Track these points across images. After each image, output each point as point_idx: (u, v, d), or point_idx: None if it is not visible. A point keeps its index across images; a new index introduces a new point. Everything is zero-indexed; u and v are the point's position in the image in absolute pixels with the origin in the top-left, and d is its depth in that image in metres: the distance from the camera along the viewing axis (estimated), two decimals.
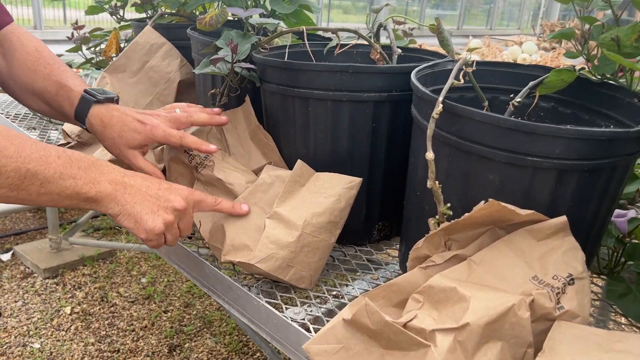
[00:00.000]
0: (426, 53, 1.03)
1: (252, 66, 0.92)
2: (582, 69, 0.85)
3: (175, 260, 0.94)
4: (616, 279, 0.81)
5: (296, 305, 0.78)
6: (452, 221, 0.66)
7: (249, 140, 0.99)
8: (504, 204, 0.62)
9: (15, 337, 2.10)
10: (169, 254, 0.95)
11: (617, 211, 0.84)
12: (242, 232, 0.83)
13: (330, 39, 1.24)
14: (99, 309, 2.30)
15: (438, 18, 0.95)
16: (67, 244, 2.65)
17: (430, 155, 0.66)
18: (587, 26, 0.83)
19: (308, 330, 0.72)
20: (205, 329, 2.22)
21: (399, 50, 0.94)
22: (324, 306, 0.78)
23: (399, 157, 0.91)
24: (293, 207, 0.81)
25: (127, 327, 2.19)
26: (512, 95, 0.94)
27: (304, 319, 0.75)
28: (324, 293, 0.82)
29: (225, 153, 0.96)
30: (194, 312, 2.33)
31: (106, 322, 2.22)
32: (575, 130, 0.61)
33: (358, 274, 0.88)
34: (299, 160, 0.85)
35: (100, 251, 2.67)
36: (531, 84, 0.85)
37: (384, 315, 0.58)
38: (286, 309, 0.77)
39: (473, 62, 0.77)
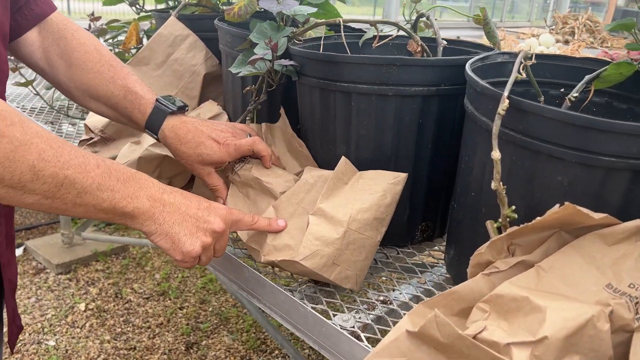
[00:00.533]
0: (467, 45, 0.98)
1: (292, 62, 0.87)
2: None
3: (211, 262, 0.90)
4: None
5: (343, 312, 0.74)
6: (521, 225, 0.61)
7: (287, 154, 0.96)
8: (579, 207, 0.58)
9: (30, 334, 2.07)
10: None
11: None
12: (285, 232, 0.80)
13: (362, 31, 1.19)
14: (114, 306, 2.27)
15: (484, 9, 0.91)
16: (79, 239, 2.62)
17: (496, 154, 0.62)
18: None
19: (359, 338, 0.68)
20: (222, 326, 2.19)
21: (444, 42, 0.89)
22: (373, 313, 0.74)
23: (445, 154, 0.87)
24: (337, 204, 0.77)
25: (143, 324, 2.16)
26: (562, 90, 0.90)
27: (353, 327, 0.71)
28: (371, 298, 0.78)
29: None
30: (210, 308, 2.30)
31: (121, 319, 2.19)
32: None
33: (404, 277, 0.84)
34: (342, 157, 0.80)
35: (112, 246, 2.64)
36: (587, 77, 0.80)
37: (456, 327, 0.54)
38: (333, 315, 0.73)
39: (532, 55, 0.73)
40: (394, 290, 0.80)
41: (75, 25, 0.90)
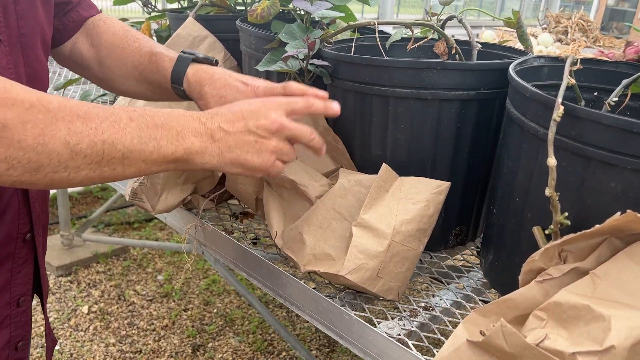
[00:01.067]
0: (500, 48, 0.98)
1: (326, 63, 0.86)
2: None
3: (242, 267, 0.89)
4: None
5: (387, 319, 0.73)
6: (578, 233, 0.61)
7: None
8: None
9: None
10: (236, 260, 0.90)
11: None
12: (322, 240, 0.79)
13: (384, 33, 1.18)
14: (117, 308, 2.24)
15: (517, 12, 0.90)
16: (79, 240, 2.58)
17: (552, 161, 0.61)
18: None
19: (406, 346, 0.67)
20: (227, 328, 2.17)
21: (479, 45, 0.89)
22: (416, 319, 0.74)
23: (482, 159, 0.86)
24: (380, 214, 0.76)
25: (148, 327, 2.14)
26: (595, 94, 0.90)
27: (399, 334, 0.70)
28: (412, 304, 0.77)
29: None
30: (215, 310, 2.28)
31: (125, 321, 2.17)
32: None
33: (441, 282, 0.83)
34: (383, 164, 0.80)
35: (113, 247, 2.61)
36: (625, 82, 0.80)
37: (523, 337, 0.53)
38: (378, 322, 0.72)
39: (578, 60, 0.73)
40: (434, 296, 0.80)
41: (111, 17, 0.90)
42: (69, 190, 2.94)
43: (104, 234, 2.78)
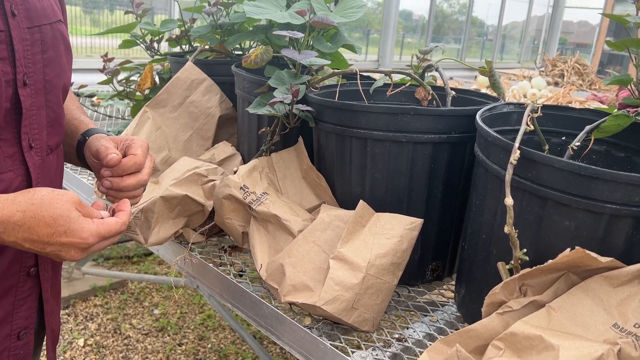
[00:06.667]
0: (474, 94, 1.04)
1: (310, 108, 0.93)
2: (638, 113, 0.87)
3: (228, 298, 0.93)
4: None
5: (361, 349, 0.77)
6: (534, 267, 0.66)
7: (301, 180, 0.99)
8: (587, 251, 0.63)
9: None
10: (222, 292, 0.94)
11: None
12: (302, 272, 0.83)
13: (370, 79, 1.26)
14: (113, 342, 2.26)
15: (490, 61, 0.97)
16: (79, 274, 2.61)
17: (509, 201, 0.66)
18: None
19: None
20: None
21: (453, 92, 0.95)
22: (389, 350, 0.77)
23: (455, 197, 0.91)
24: (356, 248, 0.81)
25: None
26: (563, 138, 0.96)
27: None
28: (386, 335, 0.81)
29: (278, 192, 0.96)
30: (209, 345, 2.29)
31: (120, 355, 2.18)
32: None
33: (417, 315, 0.87)
34: (361, 201, 0.85)
35: (111, 281, 2.64)
36: (587, 128, 0.86)
37: None
38: (352, 352, 0.76)
39: (539, 107, 0.79)
40: (407, 328, 0.83)
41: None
42: None
43: (103, 268, 2.82)
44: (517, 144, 0.68)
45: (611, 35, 7.56)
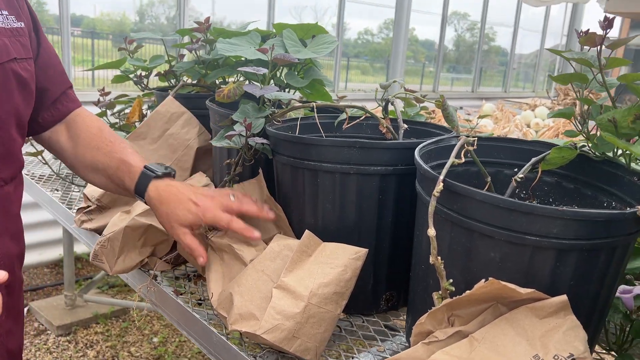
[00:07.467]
0: (433, 127, 1.07)
1: (265, 141, 0.96)
2: (583, 146, 0.88)
3: (184, 326, 0.95)
4: (624, 357, 0.80)
5: None
6: (455, 298, 0.67)
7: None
8: (504, 282, 0.64)
9: None
10: (179, 320, 0.96)
11: (623, 287, 0.84)
12: (249, 300, 0.85)
13: (340, 112, 1.29)
14: None
15: (443, 95, 1.00)
16: (82, 301, 2.67)
17: (432, 232, 0.68)
18: (586, 106, 0.86)
19: None
20: None
21: (405, 126, 0.98)
22: None
23: (406, 228, 0.93)
24: (300, 277, 0.83)
25: None
26: (515, 170, 0.97)
27: None
28: None
29: None
30: None
31: None
32: (572, 211, 0.63)
33: (364, 345, 0.88)
34: (306, 230, 0.87)
35: (113, 309, 2.68)
36: (533, 160, 0.87)
37: None
38: None
39: (474, 140, 0.81)
40: (352, 358, 0.84)
41: (88, 112, 1.02)
42: (79, 251, 3.06)
43: (106, 295, 2.87)
44: (442, 177, 0.70)
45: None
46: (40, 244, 3.05)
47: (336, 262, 0.84)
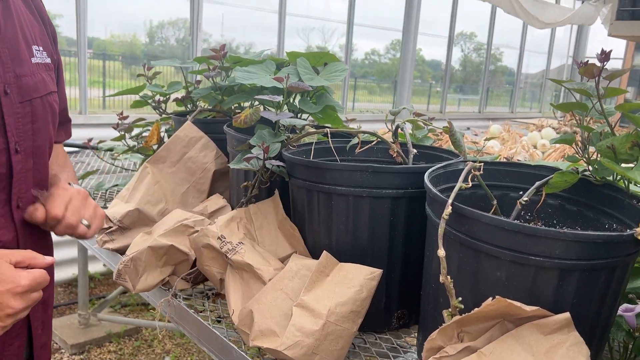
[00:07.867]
0: (441, 151, 1.12)
1: (281, 163, 1.02)
2: (585, 170, 0.92)
3: (204, 342, 0.99)
4: None
5: None
6: (464, 315, 0.71)
7: (277, 230, 1.07)
8: (510, 300, 0.68)
9: None
10: (199, 336, 1.01)
11: (625, 305, 0.87)
12: (269, 317, 0.89)
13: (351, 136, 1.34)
14: None
15: (450, 121, 1.05)
16: (95, 320, 2.71)
17: (442, 252, 0.73)
18: (586, 133, 0.91)
19: None
20: None
21: (414, 151, 1.03)
22: None
23: (416, 248, 0.97)
24: (318, 296, 0.88)
25: None
26: (520, 193, 1.01)
27: None
28: None
29: (254, 242, 1.04)
30: None
31: None
32: (572, 233, 0.68)
33: None
34: (324, 251, 0.92)
35: (126, 327, 2.72)
36: (537, 184, 0.92)
37: None
38: None
39: (480, 165, 0.85)
40: None
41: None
42: (92, 270, 3.11)
43: (119, 314, 2.91)
44: (450, 200, 0.75)
45: (635, 85, 7.54)
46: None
47: (352, 282, 0.89)
